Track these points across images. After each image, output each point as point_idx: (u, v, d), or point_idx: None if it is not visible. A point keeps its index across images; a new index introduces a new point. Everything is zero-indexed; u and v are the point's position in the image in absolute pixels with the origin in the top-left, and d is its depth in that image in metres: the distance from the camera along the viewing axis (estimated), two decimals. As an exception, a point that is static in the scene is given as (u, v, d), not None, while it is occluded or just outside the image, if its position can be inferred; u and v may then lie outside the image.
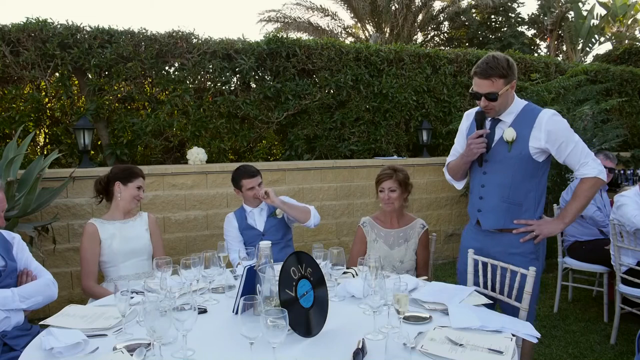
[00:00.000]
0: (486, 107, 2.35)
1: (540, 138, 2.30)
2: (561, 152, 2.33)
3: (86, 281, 2.75)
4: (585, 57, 15.25)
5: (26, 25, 4.44)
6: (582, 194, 2.37)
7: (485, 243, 2.49)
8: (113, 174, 2.93)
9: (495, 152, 2.41)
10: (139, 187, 2.93)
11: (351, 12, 14.19)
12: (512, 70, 2.30)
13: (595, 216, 3.97)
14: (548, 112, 2.33)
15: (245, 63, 5.14)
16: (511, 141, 2.33)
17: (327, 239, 5.28)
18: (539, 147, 2.32)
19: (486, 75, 2.28)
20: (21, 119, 4.47)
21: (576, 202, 2.39)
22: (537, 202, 2.41)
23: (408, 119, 6.12)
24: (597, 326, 3.82)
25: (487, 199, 2.45)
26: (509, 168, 2.37)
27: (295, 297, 1.72)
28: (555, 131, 2.29)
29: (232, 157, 5.54)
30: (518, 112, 2.37)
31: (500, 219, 2.42)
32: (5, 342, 2.06)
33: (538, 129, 2.30)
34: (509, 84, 2.29)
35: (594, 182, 2.34)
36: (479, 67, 2.30)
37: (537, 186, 2.40)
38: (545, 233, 2.39)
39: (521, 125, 2.34)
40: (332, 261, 2.18)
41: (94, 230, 2.79)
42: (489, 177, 2.45)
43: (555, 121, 2.31)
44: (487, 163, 2.45)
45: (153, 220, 3.04)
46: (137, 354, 1.55)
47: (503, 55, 2.33)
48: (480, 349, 1.62)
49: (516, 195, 2.38)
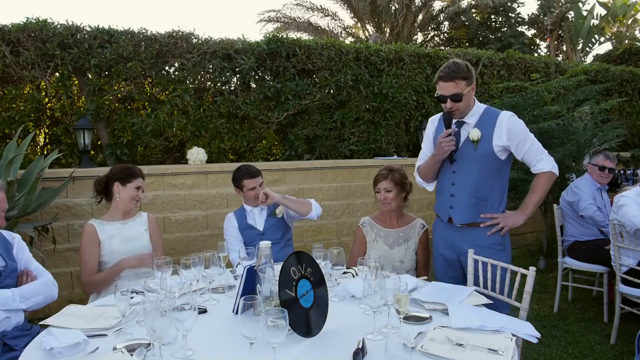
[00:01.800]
0: (451, 109, 2.53)
1: (502, 136, 2.52)
2: (519, 149, 2.55)
3: (86, 278, 2.74)
4: (585, 57, 15.24)
5: (26, 25, 4.44)
6: (539, 187, 2.61)
7: (456, 238, 2.68)
8: (112, 174, 2.92)
9: (462, 151, 2.61)
10: (138, 187, 2.91)
11: (351, 12, 14.19)
12: (472, 73, 2.53)
13: (595, 216, 3.97)
14: (507, 113, 2.57)
15: (245, 63, 5.14)
16: (477, 140, 2.54)
17: (327, 239, 5.27)
18: (501, 144, 2.53)
19: (450, 78, 2.48)
20: (21, 119, 4.47)
21: (535, 195, 2.62)
22: (500, 197, 2.64)
23: (408, 119, 6.12)
24: (597, 326, 3.82)
25: (458, 196, 2.63)
26: (475, 166, 2.57)
27: (295, 297, 1.72)
28: (514, 130, 2.53)
29: (232, 157, 5.54)
30: (480, 113, 2.59)
31: (469, 213, 2.61)
32: (5, 342, 2.06)
33: (499, 128, 2.53)
34: (470, 86, 2.51)
35: (549, 175, 2.60)
36: (442, 72, 2.52)
37: (500, 182, 2.63)
38: (510, 224, 2.60)
39: (484, 126, 2.56)
40: (332, 261, 2.19)
41: (93, 231, 2.78)
42: (458, 175, 2.63)
43: (514, 122, 2.55)
44: (456, 162, 2.64)
45: (153, 221, 3.04)
46: (137, 354, 1.55)
47: (462, 60, 2.56)
48: (480, 349, 1.62)
49: (483, 191, 2.59)
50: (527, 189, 4.78)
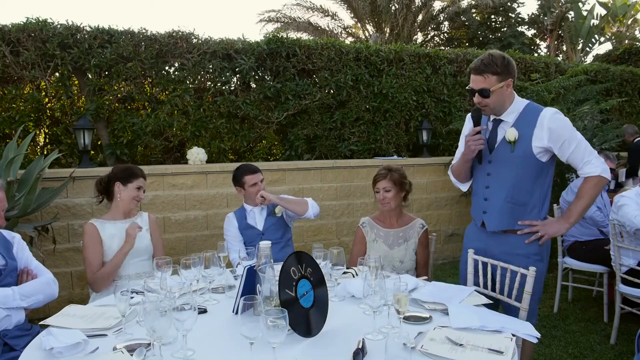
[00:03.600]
0: (480, 104, 2.37)
1: (542, 137, 2.29)
2: (564, 151, 2.30)
3: (92, 275, 2.73)
4: (585, 57, 15.25)
5: (26, 25, 4.45)
6: (586, 193, 2.35)
7: (489, 244, 2.49)
8: (113, 174, 2.92)
9: (498, 152, 2.41)
10: (139, 187, 2.91)
11: (351, 12, 14.19)
12: (508, 68, 2.31)
13: (595, 216, 3.97)
14: (550, 110, 2.32)
15: (245, 63, 5.14)
16: (513, 141, 2.33)
17: (327, 239, 5.27)
18: (541, 146, 2.30)
19: (479, 71, 2.31)
20: (21, 119, 4.47)
21: (581, 201, 2.36)
22: (541, 202, 2.40)
23: (408, 119, 6.12)
24: (597, 326, 3.82)
25: (492, 200, 2.45)
26: (512, 168, 2.36)
27: (295, 297, 1.72)
28: (557, 129, 2.28)
29: (232, 157, 5.54)
30: (520, 111, 2.37)
31: (505, 220, 2.42)
32: (5, 342, 2.06)
33: (540, 127, 2.29)
34: (503, 82, 2.30)
35: (597, 180, 2.32)
36: (474, 64, 2.34)
37: (541, 186, 2.39)
38: (551, 233, 2.37)
39: (523, 125, 2.33)
40: (332, 261, 2.18)
41: (94, 230, 2.78)
42: (493, 178, 2.45)
43: (557, 119, 2.30)
44: (491, 164, 2.44)
45: (153, 221, 3.04)
46: (137, 354, 1.55)
47: (501, 53, 2.34)
48: (480, 349, 1.62)
49: (520, 196, 2.37)
50: None
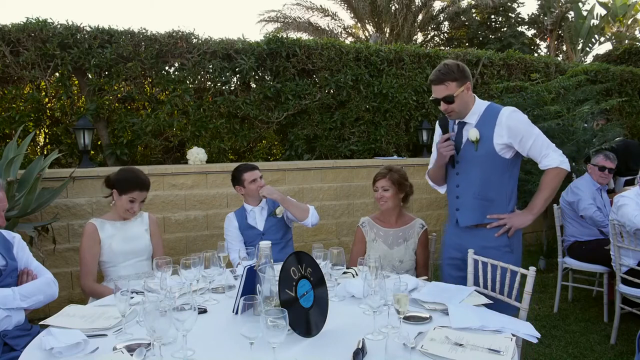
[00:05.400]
0: (446, 110, 2.49)
1: (502, 134, 2.43)
2: (523, 146, 2.44)
3: (85, 280, 2.74)
4: (585, 57, 15.24)
5: (26, 25, 4.44)
6: (546, 184, 2.49)
7: (464, 239, 2.62)
8: (115, 180, 2.86)
9: (464, 152, 2.55)
10: (133, 200, 2.82)
11: (351, 12, 14.19)
12: (464, 73, 2.46)
13: (595, 216, 3.97)
14: (508, 109, 2.47)
15: (245, 63, 5.14)
16: (475, 140, 2.47)
17: (327, 239, 5.27)
18: (502, 143, 2.44)
19: (439, 80, 2.45)
20: (21, 119, 4.47)
21: (542, 192, 2.51)
22: (508, 197, 2.55)
23: (408, 119, 6.12)
24: (597, 326, 3.82)
25: (462, 198, 2.60)
26: (477, 166, 2.51)
27: (295, 297, 1.72)
28: (515, 126, 2.42)
29: (232, 157, 5.54)
30: (481, 112, 2.50)
31: (475, 215, 2.56)
32: (5, 342, 2.06)
33: (500, 126, 2.43)
34: (462, 86, 2.44)
35: (556, 172, 2.47)
36: (433, 75, 2.48)
37: (507, 181, 2.53)
38: (517, 225, 2.51)
39: (485, 125, 2.48)
40: (332, 261, 2.19)
41: (94, 230, 2.78)
42: (462, 177, 2.59)
43: (514, 117, 2.44)
44: (459, 164, 2.59)
45: (154, 221, 3.03)
46: (137, 354, 1.55)
47: (454, 61, 2.50)
48: (480, 349, 1.62)
49: (488, 192, 2.52)
50: (528, 189, 4.81)
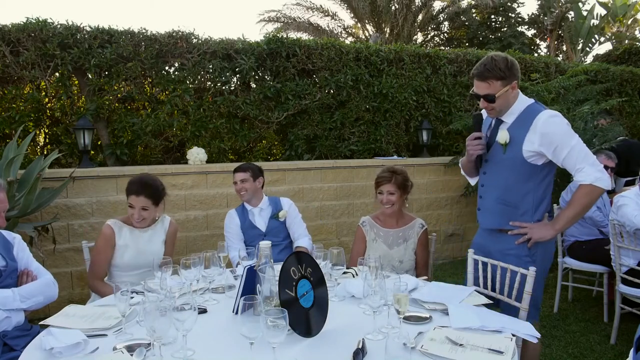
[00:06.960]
0: (486, 108, 2.36)
1: (534, 141, 2.24)
2: (557, 156, 2.24)
3: (92, 280, 2.72)
4: (585, 57, 15.23)
5: (26, 25, 4.44)
6: (576, 201, 2.28)
7: (488, 240, 2.52)
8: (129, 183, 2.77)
9: (493, 153, 2.42)
10: (131, 205, 2.70)
11: (351, 12, 14.18)
12: (512, 71, 2.26)
13: (595, 216, 3.97)
14: (546, 113, 2.24)
15: (245, 63, 5.13)
16: (504, 144, 2.32)
17: (327, 239, 5.27)
18: (532, 150, 2.25)
19: (483, 77, 2.26)
20: (21, 119, 4.47)
21: (569, 209, 2.30)
22: (535, 205, 2.35)
23: (408, 119, 6.12)
24: (597, 326, 3.82)
25: (485, 199, 2.48)
26: (503, 170, 2.36)
27: (295, 297, 1.72)
28: (549, 134, 2.20)
29: (232, 157, 5.54)
30: (519, 112, 2.32)
31: (495, 219, 2.44)
32: (5, 342, 2.06)
33: (533, 131, 2.24)
34: (507, 85, 2.25)
35: (588, 190, 2.22)
36: (476, 69, 2.29)
37: (535, 189, 2.33)
38: (536, 237, 2.32)
39: (518, 127, 2.29)
40: (332, 261, 2.19)
41: (111, 235, 2.71)
42: (488, 178, 2.47)
43: (551, 123, 2.22)
44: (487, 163, 2.46)
45: (173, 231, 2.89)
46: (137, 354, 1.55)
47: (503, 55, 2.29)
48: (480, 349, 1.62)
49: (511, 197, 2.36)
50: None
